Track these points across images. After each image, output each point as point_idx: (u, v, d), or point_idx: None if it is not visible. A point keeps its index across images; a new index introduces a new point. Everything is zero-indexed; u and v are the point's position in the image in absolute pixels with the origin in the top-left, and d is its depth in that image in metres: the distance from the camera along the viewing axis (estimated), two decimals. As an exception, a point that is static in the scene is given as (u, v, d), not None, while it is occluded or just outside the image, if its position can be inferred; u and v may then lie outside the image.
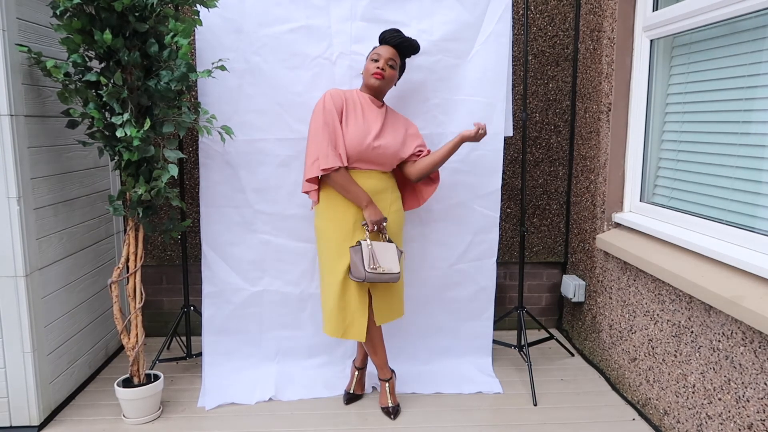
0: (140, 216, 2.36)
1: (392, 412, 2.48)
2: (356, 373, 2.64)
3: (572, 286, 3.16)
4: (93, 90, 2.24)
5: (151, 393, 2.44)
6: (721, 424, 2.00)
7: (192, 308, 2.93)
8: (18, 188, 2.22)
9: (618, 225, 2.87)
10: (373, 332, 2.43)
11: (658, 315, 2.39)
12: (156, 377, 2.50)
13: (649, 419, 2.46)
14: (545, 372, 2.93)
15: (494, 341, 2.95)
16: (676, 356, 2.27)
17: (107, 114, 2.25)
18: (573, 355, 3.14)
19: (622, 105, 2.79)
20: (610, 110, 2.81)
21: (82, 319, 2.76)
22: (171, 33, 2.20)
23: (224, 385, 2.67)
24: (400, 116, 2.51)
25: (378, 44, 2.43)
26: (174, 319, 3.04)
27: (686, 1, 2.31)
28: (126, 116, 2.18)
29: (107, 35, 2.07)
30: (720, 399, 2.01)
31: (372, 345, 2.46)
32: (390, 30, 2.40)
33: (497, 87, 2.69)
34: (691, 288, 2.08)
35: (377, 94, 2.42)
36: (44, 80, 2.40)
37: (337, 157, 2.28)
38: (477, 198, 2.78)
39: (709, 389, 2.06)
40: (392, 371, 2.58)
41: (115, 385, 2.43)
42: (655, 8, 2.60)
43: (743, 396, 1.88)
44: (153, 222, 3.07)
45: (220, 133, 2.44)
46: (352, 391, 2.63)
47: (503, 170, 3.02)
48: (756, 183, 2.02)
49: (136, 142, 2.17)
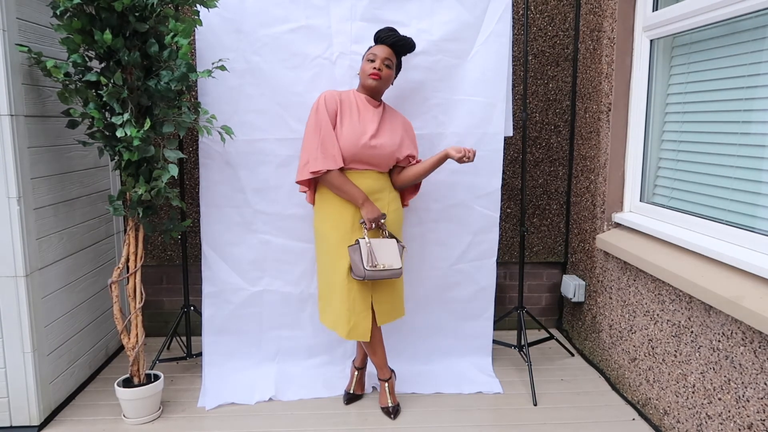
0: (140, 216, 2.36)
1: (392, 412, 2.48)
2: (356, 373, 2.64)
3: (572, 286, 3.16)
4: (93, 90, 2.24)
5: (151, 393, 2.44)
6: (721, 424, 2.00)
7: (192, 308, 2.93)
8: (18, 188, 2.22)
9: (618, 225, 2.87)
10: (373, 333, 2.42)
11: (658, 315, 2.39)
12: (156, 377, 2.50)
13: (649, 419, 2.46)
14: (545, 372, 2.93)
15: (494, 341, 2.95)
16: (676, 356, 2.27)
17: (107, 114, 2.25)
18: (573, 355, 3.14)
19: (622, 105, 2.79)
20: (610, 110, 2.81)
21: (82, 319, 2.76)
22: (171, 33, 2.20)
23: (224, 385, 2.67)
24: (399, 115, 2.50)
25: (373, 44, 2.42)
26: (174, 319, 3.04)
27: (686, 1, 2.31)
28: (126, 116, 2.18)
29: (107, 35, 2.07)
30: (720, 399, 2.01)
31: (371, 345, 2.46)
32: (384, 29, 2.39)
33: (497, 87, 2.69)
34: (691, 288, 2.08)
35: (374, 94, 2.41)
36: (44, 80, 2.41)
37: (328, 160, 2.28)
38: (477, 198, 2.78)
39: (709, 389, 2.06)
40: (392, 371, 2.58)
41: (115, 385, 2.43)
42: (655, 8, 2.60)
43: (743, 396, 1.88)
44: (153, 222, 3.07)
45: (220, 133, 2.44)
46: (352, 391, 2.63)
47: (503, 170, 3.02)
48: (756, 183, 2.02)
49: (136, 142, 2.17)
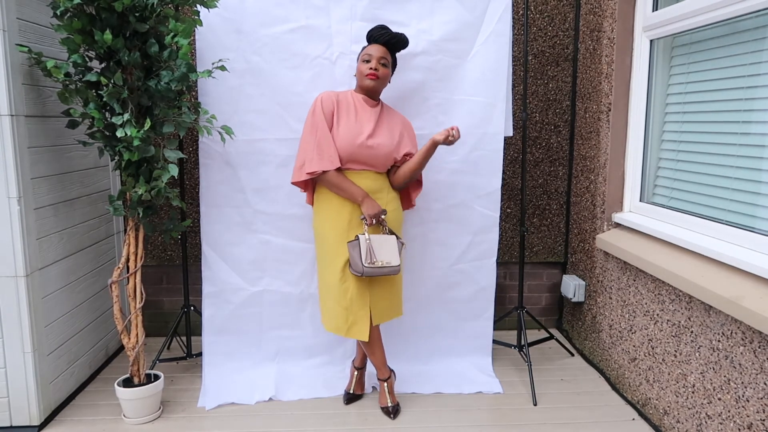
0: (140, 216, 2.36)
1: (392, 412, 2.48)
2: (356, 373, 2.64)
3: (572, 286, 3.16)
4: (93, 90, 2.24)
5: (151, 393, 2.44)
6: (721, 424, 2.00)
7: (192, 308, 2.93)
8: (18, 188, 2.22)
9: (618, 225, 2.87)
10: (371, 332, 2.42)
11: (658, 315, 2.39)
12: (156, 377, 2.50)
13: (649, 419, 2.46)
14: (545, 372, 2.93)
15: (494, 341, 2.95)
16: (676, 356, 2.27)
17: (107, 114, 2.25)
18: (573, 355, 3.14)
19: (622, 105, 2.79)
20: (610, 110, 2.81)
21: (83, 319, 2.76)
22: (171, 33, 2.20)
23: (224, 385, 2.67)
24: (398, 115, 2.50)
25: (366, 43, 2.41)
26: (174, 319, 3.04)
27: (686, 1, 2.31)
28: (126, 116, 2.18)
29: (107, 35, 2.07)
30: (720, 399, 2.01)
31: (370, 345, 2.46)
32: (377, 27, 2.37)
33: (497, 87, 2.69)
34: (691, 288, 2.08)
35: (372, 94, 2.41)
36: (44, 80, 2.41)
37: (324, 161, 2.28)
38: (477, 198, 2.78)
39: (709, 389, 2.06)
40: (391, 371, 2.59)
41: (116, 385, 2.43)
42: (655, 8, 2.60)
43: (743, 396, 1.88)
44: (153, 222, 3.07)
45: (220, 133, 2.44)
46: (352, 391, 2.63)
47: (503, 170, 3.02)
48: (756, 183, 2.02)
49: (137, 142, 2.17)
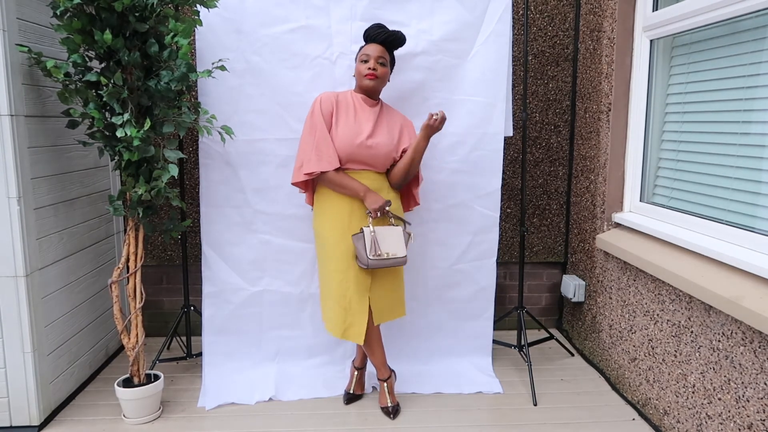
0: (140, 216, 2.36)
1: (392, 412, 2.48)
2: (356, 373, 2.64)
3: (572, 286, 3.16)
4: (93, 90, 2.24)
5: (151, 393, 2.44)
6: (721, 424, 2.00)
7: (192, 308, 2.93)
8: (18, 188, 2.22)
9: (618, 225, 2.87)
10: (371, 332, 2.42)
11: (658, 315, 2.39)
12: (156, 377, 2.50)
13: (649, 419, 2.46)
14: (545, 372, 2.93)
15: (494, 341, 2.95)
16: (676, 356, 2.27)
17: (107, 114, 2.25)
18: (573, 355, 3.14)
19: (622, 105, 2.79)
20: (610, 110, 2.81)
21: (82, 319, 2.76)
22: (171, 33, 2.20)
23: (224, 385, 2.67)
24: (397, 114, 2.49)
25: (363, 43, 2.40)
26: (174, 319, 3.04)
27: (686, 1, 2.31)
28: (126, 116, 2.18)
29: (107, 35, 2.07)
30: (720, 399, 2.01)
31: (369, 345, 2.45)
32: (373, 26, 2.36)
33: (497, 87, 2.69)
34: (691, 288, 2.08)
35: (371, 94, 2.41)
36: (44, 80, 2.41)
37: (322, 162, 2.28)
38: (477, 198, 2.78)
39: (709, 389, 2.06)
40: (391, 371, 2.58)
41: (116, 385, 2.43)
42: (655, 8, 2.60)
43: (743, 396, 1.88)
44: (153, 222, 3.07)
45: (220, 133, 2.44)
46: (352, 391, 2.62)
47: (503, 170, 3.02)
48: (756, 183, 2.02)
49: (136, 142, 2.17)
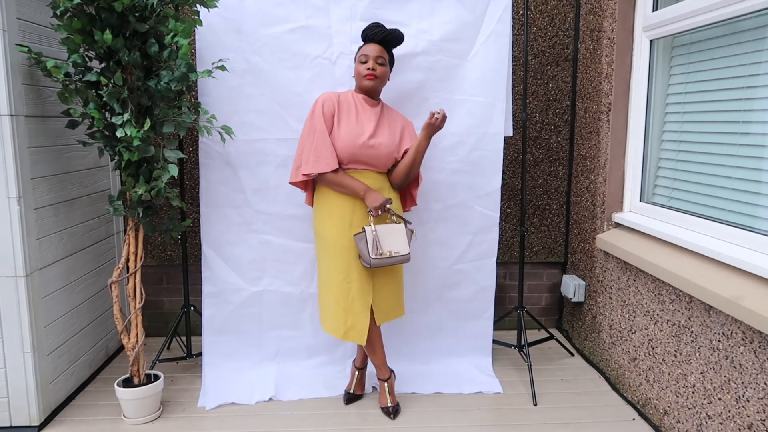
0: (140, 216, 2.36)
1: (392, 412, 2.48)
2: (356, 373, 2.64)
3: (572, 286, 3.16)
4: (93, 90, 2.24)
5: (151, 393, 2.44)
6: (721, 424, 2.00)
7: (192, 308, 2.93)
8: (18, 188, 2.22)
9: (618, 225, 2.87)
10: (372, 332, 2.42)
11: (658, 315, 2.39)
12: (156, 377, 2.50)
13: (649, 419, 2.46)
14: (545, 372, 2.93)
15: (494, 341, 2.95)
16: (676, 356, 2.27)
17: (107, 114, 2.25)
18: (573, 355, 3.14)
19: (622, 105, 2.79)
20: (610, 110, 2.81)
21: (82, 319, 2.76)
22: (171, 33, 2.20)
23: (224, 385, 2.67)
24: (398, 115, 2.50)
25: (362, 42, 2.40)
26: (174, 319, 3.04)
27: (686, 1, 2.31)
28: (126, 116, 2.18)
29: (107, 35, 2.07)
30: (720, 399, 2.01)
31: (371, 345, 2.45)
32: (371, 26, 2.36)
33: (497, 87, 2.69)
34: (691, 288, 2.08)
35: (372, 94, 2.40)
36: (44, 80, 2.40)
37: (320, 163, 2.27)
38: (477, 198, 2.78)
39: (709, 389, 2.06)
40: (391, 371, 2.58)
41: (115, 385, 2.43)
42: (655, 8, 2.60)
43: (743, 396, 1.88)
44: (153, 222, 3.07)
45: (220, 133, 2.44)
46: (352, 391, 2.62)
47: (503, 170, 3.02)
48: (756, 183, 2.02)
49: (136, 142, 2.17)
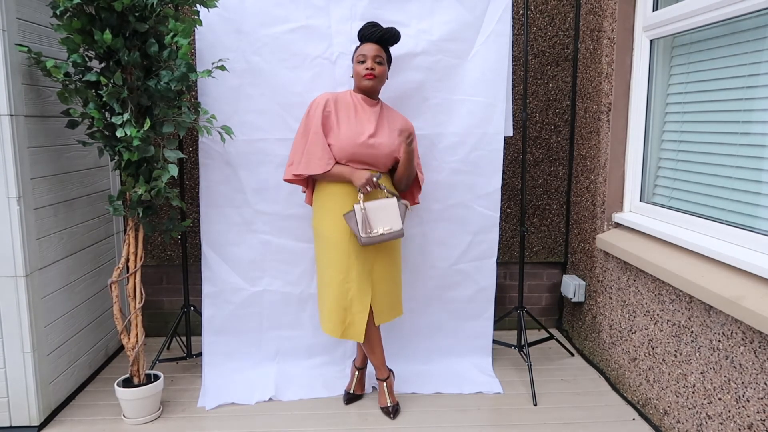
0: (140, 216, 2.36)
1: (392, 412, 2.48)
2: (356, 373, 2.64)
3: (572, 286, 3.16)
4: (93, 90, 2.24)
5: (151, 393, 2.44)
6: (721, 424, 2.00)
7: (192, 308, 2.93)
8: (18, 188, 2.22)
9: (618, 225, 2.87)
10: (372, 332, 2.42)
11: (658, 315, 2.39)
12: (156, 377, 2.50)
13: (649, 419, 2.46)
14: (545, 372, 2.93)
15: (494, 341, 2.95)
16: (676, 356, 2.27)
17: (107, 114, 2.25)
18: (573, 355, 3.14)
19: (622, 105, 2.79)
20: (610, 110, 2.81)
21: (82, 319, 2.76)
22: (171, 33, 2.20)
23: (224, 385, 2.67)
24: (398, 115, 2.50)
25: (359, 42, 2.40)
26: (174, 319, 3.04)
27: (686, 1, 2.31)
28: (126, 116, 2.18)
29: (107, 35, 2.07)
30: (720, 399, 2.01)
31: (370, 345, 2.45)
32: (367, 25, 2.36)
33: (497, 87, 2.69)
34: (691, 288, 2.08)
35: (371, 93, 2.41)
36: (44, 80, 2.40)
37: (311, 165, 2.31)
38: (477, 198, 2.78)
39: (709, 389, 2.06)
40: (390, 371, 2.58)
41: (115, 385, 2.43)
42: (655, 8, 2.60)
43: (743, 396, 1.88)
44: (153, 222, 3.06)
45: (220, 133, 2.44)
46: (352, 391, 2.62)
47: (503, 170, 3.02)
48: (756, 183, 2.02)
49: (136, 142, 2.17)
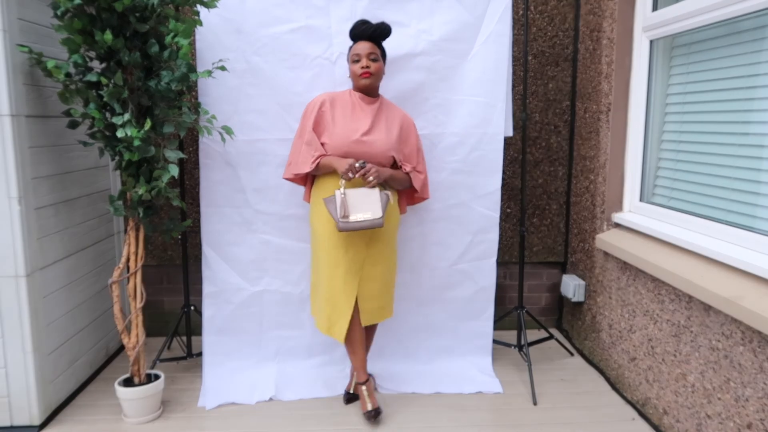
0: (141, 216, 2.36)
1: (374, 416, 2.37)
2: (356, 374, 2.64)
3: (572, 286, 3.16)
4: (94, 90, 2.24)
5: (152, 393, 2.44)
6: (721, 424, 2.00)
7: (192, 308, 2.93)
8: (19, 188, 2.22)
9: (618, 225, 2.87)
10: (355, 332, 2.39)
11: (658, 315, 2.39)
12: (156, 377, 2.51)
13: (649, 419, 2.46)
14: (545, 372, 2.93)
15: (494, 341, 2.95)
16: (676, 356, 2.27)
17: (108, 114, 2.25)
18: (573, 355, 3.14)
19: (622, 105, 2.79)
20: (610, 110, 2.81)
21: (83, 319, 2.76)
22: (171, 33, 2.20)
23: (224, 385, 2.67)
24: (398, 111, 2.49)
25: (351, 42, 2.40)
26: (174, 319, 3.05)
27: (686, 1, 2.31)
28: (126, 116, 2.18)
29: (108, 36, 2.07)
30: (719, 398, 2.01)
31: (351, 345, 2.42)
32: (357, 24, 2.36)
33: (497, 87, 2.70)
34: (691, 288, 2.08)
35: (369, 91, 2.41)
36: (45, 80, 2.41)
37: (307, 164, 2.33)
38: (477, 198, 2.78)
39: (709, 389, 2.07)
40: (369, 375, 2.50)
41: (116, 385, 2.43)
42: (655, 8, 2.60)
43: (742, 395, 1.89)
44: (153, 222, 3.07)
45: (221, 133, 2.44)
46: (352, 391, 2.62)
47: (503, 170, 3.01)
48: (756, 183, 2.02)
49: (137, 143, 2.17)
